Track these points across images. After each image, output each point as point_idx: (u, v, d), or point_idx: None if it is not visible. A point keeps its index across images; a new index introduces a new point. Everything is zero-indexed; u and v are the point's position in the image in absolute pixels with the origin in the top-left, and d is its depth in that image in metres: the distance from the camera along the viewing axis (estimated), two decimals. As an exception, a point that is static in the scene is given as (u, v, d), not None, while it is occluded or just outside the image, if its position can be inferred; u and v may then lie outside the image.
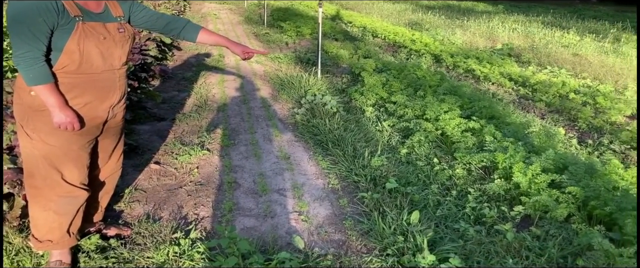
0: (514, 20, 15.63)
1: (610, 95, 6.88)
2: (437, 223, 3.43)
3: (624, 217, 3.00)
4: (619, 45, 11.77)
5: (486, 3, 24.20)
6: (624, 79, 8.07)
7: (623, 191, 3.46)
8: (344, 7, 20.08)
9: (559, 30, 13.76)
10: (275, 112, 5.94)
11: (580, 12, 20.69)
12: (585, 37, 12.73)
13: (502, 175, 3.89)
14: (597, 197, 3.29)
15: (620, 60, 9.96)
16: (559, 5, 24.47)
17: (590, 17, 17.89)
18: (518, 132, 4.75)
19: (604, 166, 3.85)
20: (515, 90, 7.38)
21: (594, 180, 3.53)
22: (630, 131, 5.29)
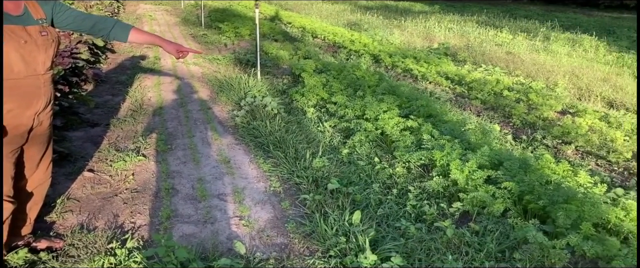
0: (449, 20, 16.01)
1: (542, 92, 7.13)
2: (379, 223, 3.45)
3: (556, 210, 3.10)
4: (549, 43, 12.27)
5: (423, 3, 24.71)
6: (555, 76, 8.39)
7: (555, 185, 3.58)
8: (283, 7, 20.03)
9: (493, 29, 14.20)
10: (214, 114, 5.84)
11: (513, 11, 21.43)
12: (517, 35, 13.19)
13: (441, 172, 3.96)
14: (531, 191, 3.39)
15: (551, 58, 10.37)
16: (492, 5, 25.26)
17: (522, 17, 18.55)
18: (455, 129, 4.85)
19: (537, 161, 3.97)
20: (452, 88, 7.54)
21: (528, 175, 3.64)
22: (561, 126, 5.50)
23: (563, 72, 8.64)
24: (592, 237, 2.97)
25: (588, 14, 23.56)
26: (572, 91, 7.73)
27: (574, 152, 5.10)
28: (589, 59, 10.72)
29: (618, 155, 4.84)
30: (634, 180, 4.39)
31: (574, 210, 3.06)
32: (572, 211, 3.05)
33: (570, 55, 11.05)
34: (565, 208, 3.07)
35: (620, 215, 3.19)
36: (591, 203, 3.14)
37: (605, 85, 7.81)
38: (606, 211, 3.19)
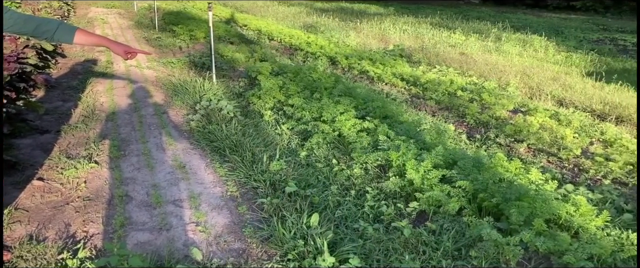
0: (404, 22, 16.20)
1: (495, 91, 7.29)
2: (337, 224, 3.45)
3: (509, 207, 3.16)
4: (501, 44, 12.55)
5: (378, 5, 24.94)
6: (506, 76, 8.59)
7: (508, 182, 3.66)
8: (239, 10, 19.90)
9: (446, 31, 14.45)
10: (169, 119, 5.74)
11: (465, 12, 21.85)
12: (470, 36, 13.45)
13: (397, 172, 3.99)
14: (485, 189, 3.45)
15: (502, 58, 10.62)
16: (445, 7, 25.70)
17: (474, 18, 18.94)
18: (410, 130, 4.90)
19: (490, 159, 4.05)
20: (408, 89, 7.63)
21: (482, 173, 3.71)
22: (513, 125, 5.62)
23: (515, 72, 8.86)
24: (544, 233, 3.05)
25: (537, 14, 24.24)
26: (524, 90, 7.93)
27: (526, 150, 5.22)
28: (539, 59, 11.03)
29: (568, 152, 4.98)
30: (583, 175, 4.53)
31: (526, 207, 3.13)
32: (524, 208, 3.12)
33: (521, 55, 11.34)
34: (517, 205, 3.14)
35: (571, 211, 3.28)
36: (543, 200, 3.22)
37: (555, 84, 8.04)
38: (557, 207, 3.28)
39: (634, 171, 4.59)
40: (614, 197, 4.00)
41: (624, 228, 3.41)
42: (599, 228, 3.23)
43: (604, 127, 5.81)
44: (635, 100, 7.06)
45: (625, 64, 11.04)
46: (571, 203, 3.38)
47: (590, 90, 7.66)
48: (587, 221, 3.22)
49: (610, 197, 3.98)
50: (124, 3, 19.74)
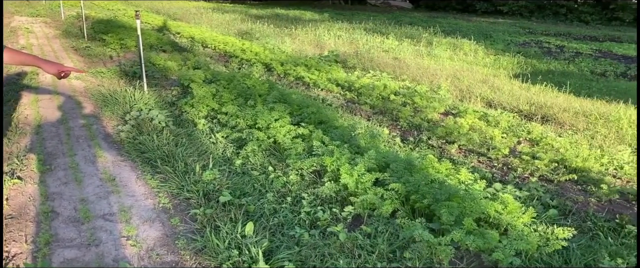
0: (338, 28, 16.36)
1: (427, 94, 7.46)
2: (273, 232, 3.42)
3: (439, 208, 3.23)
4: (432, 48, 12.87)
5: (312, 11, 25.09)
6: (438, 79, 8.80)
7: (439, 183, 3.74)
8: (172, 17, 19.55)
9: (380, 36, 14.68)
10: (98, 131, 5.55)
11: (398, 18, 22.31)
12: (403, 41, 13.72)
13: (332, 177, 4.01)
14: (416, 191, 3.51)
15: (434, 62, 10.89)
16: (379, 13, 26.16)
17: (407, 23, 19.35)
18: (345, 134, 4.93)
19: (422, 161, 4.13)
20: (343, 94, 7.69)
21: (413, 175, 3.77)
22: (444, 127, 5.76)
23: (446, 75, 9.09)
24: (474, 232, 3.13)
25: (467, 19, 25.02)
26: (455, 93, 8.14)
27: (457, 151, 5.36)
28: (469, 62, 11.38)
29: (497, 151, 5.15)
30: (512, 174, 4.69)
31: (456, 207, 3.21)
32: (454, 208, 3.19)
33: (452, 59, 11.67)
34: (447, 205, 3.21)
35: (499, 209, 3.39)
36: (471, 199, 3.30)
37: (484, 86, 8.30)
38: (486, 206, 3.37)
39: (559, 168, 4.79)
40: (540, 193, 4.16)
41: (550, 224, 3.54)
42: (526, 225, 3.34)
43: (531, 126, 6.04)
44: (559, 99, 7.39)
45: (550, 65, 11.55)
46: (499, 202, 3.49)
47: (518, 92, 7.96)
48: (514, 218, 3.32)
49: (537, 194, 4.14)
50: (51, 12, 19.02)
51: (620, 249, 3.33)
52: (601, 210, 3.98)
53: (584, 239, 3.45)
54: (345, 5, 33.89)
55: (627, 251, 3.31)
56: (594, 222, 3.76)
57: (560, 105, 6.95)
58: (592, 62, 12.50)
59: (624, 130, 5.91)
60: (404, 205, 3.58)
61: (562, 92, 8.04)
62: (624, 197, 4.27)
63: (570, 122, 6.35)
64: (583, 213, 3.91)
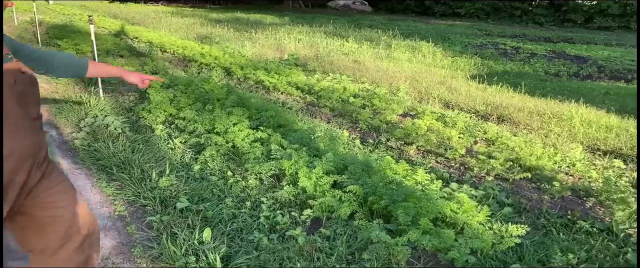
0: (299, 31, 16.37)
1: (386, 97, 7.52)
2: (232, 237, 3.40)
3: (396, 209, 3.26)
4: (391, 51, 13.00)
5: (273, 15, 25.06)
6: (397, 81, 8.89)
7: (397, 184, 3.77)
8: (130, 22, 19.24)
9: (340, 39, 14.76)
10: (52, 138, 5.41)
11: (358, 21, 22.47)
12: (362, 44, 13.82)
13: (291, 181, 4.00)
14: (374, 192, 3.54)
15: (393, 64, 11.00)
16: (339, 16, 26.30)
17: (367, 26, 19.52)
18: (304, 138, 4.93)
19: (379, 163, 4.16)
20: (303, 97, 7.70)
21: (371, 176, 3.80)
22: (402, 128, 5.82)
23: (405, 77, 9.20)
24: (431, 232, 3.17)
25: (426, 22, 25.38)
26: (413, 94, 8.24)
27: (416, 152, 5.42)
28: (427, 64, 11.54)
29: (454, 152, 5.22)
30: (468, 173, 4.77)
31: (412, 207, 3.24)
32: (410, 208, 3.23)
33: (410, 61, 11.81)
34: (404, 206, 3.24)
35: (455, 208, 3.44)
36: (428, 199, 3.35)
37: (442, 88, 8.43)
38: (442, 205, 3.42)
39: (514, 167, 4.89)
40: (496, 192, 4.24)
41: (505, 221, 3.62)
42: (481, 224, 3.40)
43: (487, 126, 6.16)
44: (514, 99, 7.56)
45: (506, 66, 11.80)
46: (455, 201, 3.54)
47: (474, 92, 8.10)
48: (470, 217, 3.38)
49: (492, 193, 4.22)
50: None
51: (572, 244, 3.42)
52: (554, 207, 4.08)
53: (537, 236, 3.53)
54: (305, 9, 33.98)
55: (578, 246, 3.40)
56: (547, 218, 3.85)
57: (516, 105, 7.11)
58: (546, 62, 12.82)
59: (576, 129, 6.08)
60: (362, 206, 3.60)
61: (518, 92, 8.23)
62: (575, 193, 4.39)
63: (525, 122, 6.50)
64: (537, 210, 4.00)
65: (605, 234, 3.60)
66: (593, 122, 6.24)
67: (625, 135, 5.76)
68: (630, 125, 6.19)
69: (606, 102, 7.82)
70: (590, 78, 11.21)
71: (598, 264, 3.17)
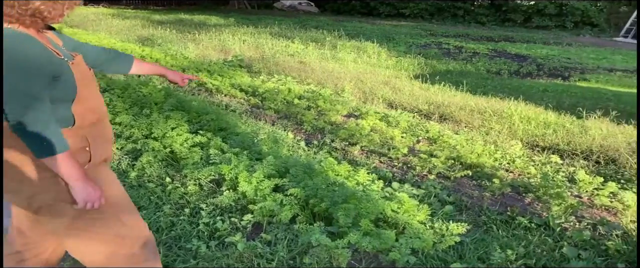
0: (244, 32, 16.20)
1: (330, 97, 7.50)
2: (169, 246, 3.28)
3: (337, 210, 3.21)
4: (337, 51, 13.02)
5: (218, 16, 24.73)
6: (342, 82, 8.89)
7: (339, 185, 3.73)
8: (68, 24, 18.58)
9: (285, 40, 14.68)
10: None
11: (304, 22, 22.45)
12: (308, 45, 13.79)
13: (230, 186, 3.90)
14: (315, 194, 3.48)
15: (339, 65, 11.01)
16: (286, 17, 26.21)
17: (313, 27, 19.52)
18: (246, 141, 4.84)
19: (321, 164, 4.11)
20: (247, 99, 7.58)
21: (313, 179, 3.74)
22: (346, 129, 5.80)
23: (350, 78, 9.20)
24: (371, 233, 3.14)
25: (372, 22, 25.60)
26: (358, 95, 8.25)
27: (360, 152, 5.41)
28: (372, 64, 11.60)
29: (397, 151, 5.23)
30: (411, 172, 4.78)
31: (353, 209, 3.21)
32: (350, 209, 3.19)
33: (356, 61, 11.85)
34: (344, 207, 3.20)
35: (395, 208, 3.42)
36: (369, 200, 3.32)
37: (386, 88, 8.47)
38: (382, 206, 3.40)
39: (455, 165, 4.94)
40: (437, 190, 4.26)
41: (446, 220, 3.63)
42: (422, 223, 3.40)
43: (429, 125, 6.21)
44: (456, 98, 7.66)
45: (449, 65, 12.01)
46: (396, 201, 3.52)
47: (418, 92, 8.18)
48: (411, 217, 3.37)
49: (434, 191, 4.23)
50: None
51: (511, 241, 3.46)
52: (495, 204, 4.13)
53: (478, 233, 3.56)
54: (251, 10, 33.71)
55: (516, 242, 3.45)
56: (488, 215, 3.89)
57: (457, 103, 7.21)
58: (488, 61, 13.12)
59: (516, 126, 6.20)
60: (304, 209, 3.54)
61: (460, 91, 8.35)
62: (515, 189, 4.46)
63: (466, 120, 6.60)
64: (478, 207, 4.04)
65: (543, 229, 3.66)
66: (532, 119, 6.38)
67: (562, 131, 5.92)
68: (567, 121, 6.36)
69: (544, 99, 8.04)
70: (530, 76, 11.54)
71: (535, 259, 3.22)
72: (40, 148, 1.78)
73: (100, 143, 2.07)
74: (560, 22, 25.95)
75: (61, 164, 1.82)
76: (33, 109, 1.73)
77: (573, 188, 4.49)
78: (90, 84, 2.04)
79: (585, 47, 18.00)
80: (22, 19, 1.79)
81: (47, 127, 1.77)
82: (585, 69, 12.84)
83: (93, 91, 2.06)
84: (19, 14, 1.77)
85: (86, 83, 2.00)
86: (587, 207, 4.11)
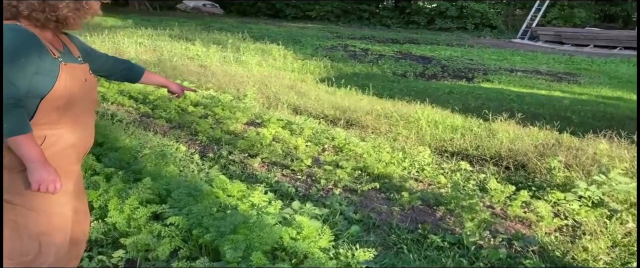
0: (141, 35, 15.24)
1: (230, 104, 6.95)
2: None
3: (224, 243, 2.70)
4: (240, 54, 12.46)
5: (116, 18, 23.33)
6: (245, 86, 8.36)
7: (230, 210, 3.22)
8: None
9: (186, 43, 13.91)
10: None
11: (208, 24, 21.65)
12: (210, 48, 13.11)
13: (99, 215, 3.27)
14: (200, 223, 2.95)
15: (242, 68, 10.48)
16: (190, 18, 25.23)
17: (217, 29, 18.79)
18: (124, 158, 4.20)
19: (211, 184, 3.58)
20: (136, 108, 6.86)
21: (199, 203, 3.20)
22: (245, 139, 5.29)
23: (253, 82, 8.69)
24: None
25: (278, 25, 25.20)
26: (262, 100, 7.76)
27: (260, 165, 4.91)
28: (277, 68, 11.16)
29: (300, 163, 4.79)
30: (315, 187, 4.34)
31: (242, 240, 2.70)
32: (239, 242, 2.68)
33: (260, 64, 11.36)
34: (232, 239, 2.69)
35: (294, 234, 2.96)
36: (262, 228, 2.82)
37: (291, 92, 8.04)
38: (280, 232, 2.92)
39: (362, 176, 4.57)
40: (343, 207, 3.85)
41: (352, 243, 3.22)
42: (324, 250, 2.95)
43: (335, 132, 5.82)
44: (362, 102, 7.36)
45: (355, 68, 11.80)
46: (295, 226, 3.05)
47: (324, 96, 7.81)
48: (311, 244, 2.91)
49: (340, 208, 3.82)
50: None
51: (423, 264, 3.11)
52: (405, 220, 3.78)
53: (387, 257, 3.17)
54: (153, 11, 32.25)
55: (429, 264, 3.09)
56: (398, 234, 3.52)
57: (364, 108, 6.89)
58: (393, 63, 13.05)
59: (424, 130, 5.96)
60: (187, 242, 2.99)
61: (366, 95, 8.07)
62: (425, 202, 4.13)
63: (373, 125, 6.28)
64: (387, 225, 3.66)
65: (457, 248, 3.33)
66: (439, 123, 6.17)
67: (470, 135, 5.73)
68: (474, 124, 6.20)
69: (450, 101, 7.93)
70: (435, 77, 11.54)
71: (451, 286, 2.87)
72: (5, 129, 1.87)
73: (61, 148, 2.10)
74: (462, 24, 26.73)
75: (21, 145, 1.90)
76: (9, 95, 1.85)
77: (485, 198, 4.23)
78: (77, 88, 2.09)
79: (487, 48, 18.52)
80: (47, 23, 1.99)
81: (13, 109, 1.86)
82: (488, 69, 13.07)
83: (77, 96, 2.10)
84: (46, 19, 1.98)
85: (72, 85, 2.06)
86: (501, 219, 3.85)
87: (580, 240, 3.45)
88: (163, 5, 33.66)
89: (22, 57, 1.90)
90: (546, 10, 24.49)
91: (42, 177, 1.95)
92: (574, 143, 5.24)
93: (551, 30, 22.94)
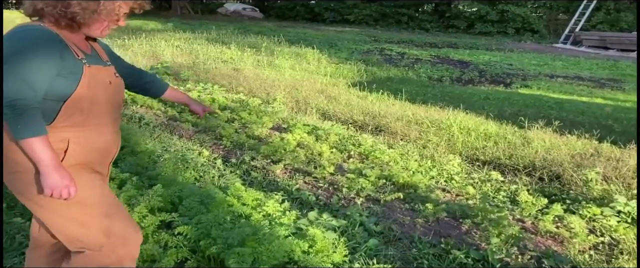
0: (179, 38, 15.38)
1: (257, 108, 6.86)
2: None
3: (230, 256, 2.57)
4: (274, 57, 12.40)
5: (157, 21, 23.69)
6: (275, 90, 8.28)
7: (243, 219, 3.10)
8: None
9: (221, 46, 13.95)
10: None
11: (247, 28, 21.74)
12: (245, 51, 13.11)
13: (109, 223, 3.20)
14: (209, 234, 2.83)
15: (274, 72, 10.40)
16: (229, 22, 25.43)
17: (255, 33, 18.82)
18: (141, 163, 4.14)
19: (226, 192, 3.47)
20: (164, 111, 6.85)
21: (211, 211, 3.09)
22: (268, 145, 5.18)
23: (284, 86, 8.60)
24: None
25: (316, 28, 25.14)
26: (291, 104, 7.66)
27: (282, 171, 4.79)
28: (310, 72, 11.06)
29: (323, 170, 4.65)
30: (336, 196, 4.19)
31: (249, 253, 2.58)
32: (245, 255, 2.56)
33: (294, 68, 11.27)
34: (238, 252, 2.56)
35: (306, 248, 2.81)
36: (271, 241, 2.69)
37: (321, 97, 7.92)
38: (291, 245, 2.78)
39: (386, 185, 4.40)
40: (363, 218, 3.68)
41: (370, 257, 3.06)
42: (337, 266, 2.80)
43: (362, 138, 5.66)
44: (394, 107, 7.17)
45: (390, 72, 11.59)
46: (309, 239, 2.91)
47: (354, 101, 7.65)
48: (324, 258, 2.77)
49: (360, 219, 3.65)
50: None
51: (444, 283, 2.92)
52: (428, 233, 3.59)
53: (406, 273, 3.00)
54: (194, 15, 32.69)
55: (451, 284, 2.91)
56: (419, 248, 3.34)
57: (395, 113, 6.71)
58: (430, 67, 12.79)
59: (455, 138, 5.74)
60: (195, 252, 2.89)
61: (399, 100, 7.87)
62: (451, 214, 3.92)
63: (402, 132, 6.09)
64: (408, 238, 3.48)
65: (481, 265, 3.13)
66: (472, 130, 5.93)
67: (503, 143, 5.48)
68: (508, 131, 5.95)
69: (485, 107, 7.67)
70: (472, 83, 11.23)
71: (471, 309, 2.68)
72: (17, 130, 1.83)
73: (86, 150, 2.06)
74: (502, 29, 26.16)
75: (34, 147, 1.85)
76: (23, 95, 1.82)
77: (515, 210, 4.00)
78: (101, 90, 2.07)
79: (527, 53, 18.01)
80: (60, 19, 1.97)
81: (26, 110, 1.82)
82: (527, 75, 12.67)
83: (101, 99, 2.08)
84: (58, 14, 1.95)
85: (96, 87, 2.05)
86: (531, 234, 3.62)
87: (616, 260, 3.20)
88: (204, 9, 34.10)
89: (40, 57, 1.87)
90: (591, 14, 23.67)
91: (56, 182, 1.89)
92: (614, 154, 4.94)
93: (595, 34, 22.15)
